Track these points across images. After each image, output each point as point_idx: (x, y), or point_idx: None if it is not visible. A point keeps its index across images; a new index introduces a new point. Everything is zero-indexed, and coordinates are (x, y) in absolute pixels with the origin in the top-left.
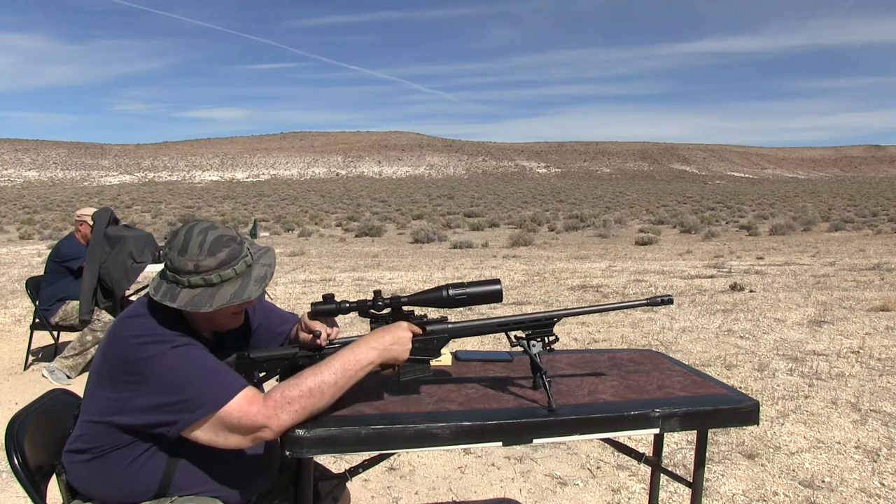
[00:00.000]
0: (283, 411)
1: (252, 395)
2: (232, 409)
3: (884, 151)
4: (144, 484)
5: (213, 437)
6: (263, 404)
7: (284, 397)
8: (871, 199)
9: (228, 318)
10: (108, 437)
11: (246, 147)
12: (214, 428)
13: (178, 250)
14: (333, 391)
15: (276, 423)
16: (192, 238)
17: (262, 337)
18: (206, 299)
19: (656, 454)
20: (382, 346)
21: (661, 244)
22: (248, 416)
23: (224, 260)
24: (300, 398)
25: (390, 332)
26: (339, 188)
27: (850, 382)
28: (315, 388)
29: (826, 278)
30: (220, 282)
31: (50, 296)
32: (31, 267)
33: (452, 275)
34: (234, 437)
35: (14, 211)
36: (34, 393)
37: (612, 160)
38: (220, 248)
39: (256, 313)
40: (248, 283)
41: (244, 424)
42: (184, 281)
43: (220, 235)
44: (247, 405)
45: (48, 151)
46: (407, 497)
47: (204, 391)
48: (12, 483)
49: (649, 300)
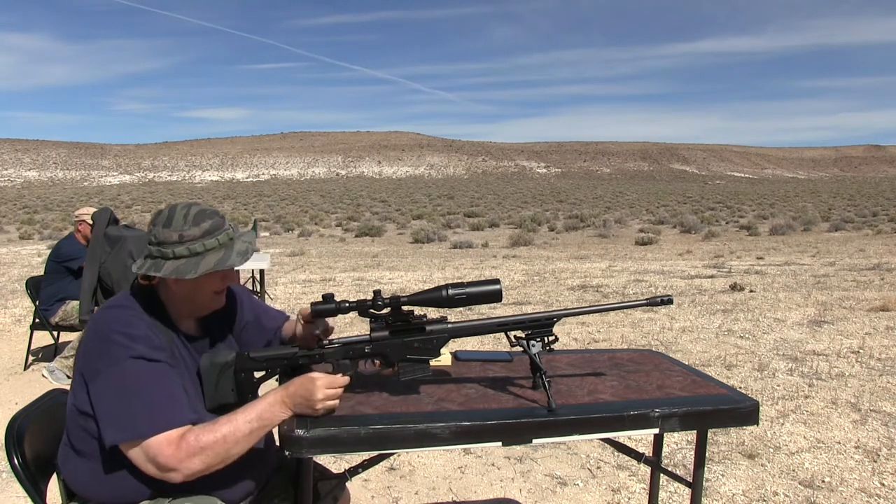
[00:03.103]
0: (195, 458)
1: (173, 437)
2: (150, 444)
3: (884, 151)
4: (135, 483)
5: (134, 458)
6: (178, 447)
7: (198, 442)
8: (871, 199)
9: (211, 297)
10: (84, 426)
11: (246, 147)
12: (137, 453)
13: (163, 223)
14: (248, 440)
15: (185, 468)
16: (176, 212)
17: (251, 333)
18: (191, 267)
19: (656, 454)
20: (295, 403)
21: (661, 244)
22: (161, 455)
23: (208, 230)
24: (214, 445)
25: (302, 390)
26: (339, 188)
27: (850, 382)
28: (229, 435)
29: (826, 278)
30: (203, 251)
31: (50, 296)
32: (31, 267)
33: (452, 275)
34: (150, 467)
35: (14, 211)
36: (34, 393)
37: (612, 160)
38: (204, 218)
39: (245, 310)
40: (230, 254)
41: (157, 462)
42: (168, 252)
43: (202, 209)
44: (165, 445)
45: (48, 151)
46: (407, 497)
47: (133, 416)
48: (12, 483)
49: (649, 300)
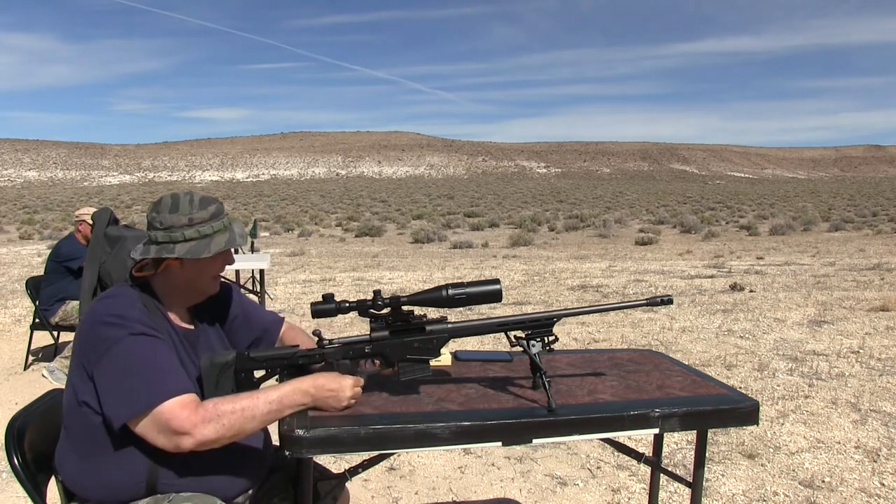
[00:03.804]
0: (210, 424)
1: (187, 401)
2: (163, 409)
3: (884, 151)
4: (130, 480)
5: (145, 432)
6: (194, 411)
7: (216, 410)
8: (871, 199)
9: (209, 282)
10: (82, 422)
11: (246, 147)
12: (147, 424)
13: (169, 209)
14: (264, 419)
15: (199, 434)
16: (179, 199)
17: (240, 327)
18: (203, 247)
19: (656, 454)
20: (321, 395)
21: (661, 244)
22: (176, 419)
23: (214, 213)
24: (230, 414)
25: (334, 384)
26: (339, 188)
27: (850, 382)
28: (248, 409)
29: (826, 278)
30: (212, 232)
31: (50, 296)
32: (31, 267)
33: (452, 275)
34: (160, 437)
35: (14, 211)
36: (34, 393)
37: (612, 160)
38: (209, 203)
39: (235, 305)
40: (234, 235)
41: (171, 427)
42: (178, 236)
43: (204, 196)
44: (179, 409)
45: (48, 151)
46: (407, 497)
47: (143, 386)
48: (12, 483)
49: (649, 300)
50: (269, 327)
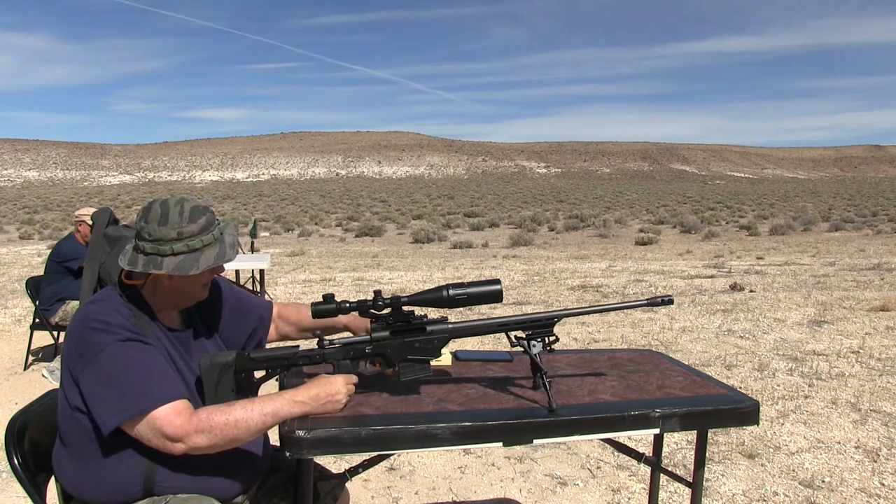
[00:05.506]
0: (202, 435)
1: (181, 408)
2: (156, 415)
3: (884, 151)
4: (126, 482)
5: (139, 436)
6: (188, 420)
7: (209, 421)
8: (871, 199)
9: (199, 290)
10: (76, 426)
11: (246, 147)
12: (142, 428)
13: (158, 221)
14: (258, 431)
15: (191, 442)
16: (169, 209)
17: (235, 319)
18: (192, 263)
19: (656, 454)
20: (317, 404)
21: (661, 244)
22: (170, 425)
23: (204, 226)
24: (223, 427)
25: (327, 389)
26: (339, 188)
27: (850, 382)
28: (241, 422)
29: (826, 278)
30: (201, 247)
31: (50, 296)
32: (31, 267)
33: (452, 275)
34: (155, 440)
35: (14, 211)
36: (34, 393)
37: (612, 160)
38: (199, 215)
39: (227, 298)
40: (225, 248)
41: (164, 432)
42: (166, 249)
43: (196, 205)
44: (173, 415)
45: (48, 151)
46: (407, 497)
47: (134, 391)
48: (12, 483)
49: (649, 300)
50: (262, 314)
